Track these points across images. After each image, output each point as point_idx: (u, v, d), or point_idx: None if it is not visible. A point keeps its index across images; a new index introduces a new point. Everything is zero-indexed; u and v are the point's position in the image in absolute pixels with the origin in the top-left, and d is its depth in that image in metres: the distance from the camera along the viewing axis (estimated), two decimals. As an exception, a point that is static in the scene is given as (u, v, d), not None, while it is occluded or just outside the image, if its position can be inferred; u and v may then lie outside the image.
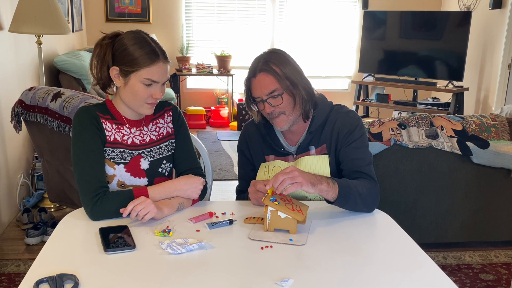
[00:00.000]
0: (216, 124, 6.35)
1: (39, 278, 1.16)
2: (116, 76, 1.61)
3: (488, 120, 2.91)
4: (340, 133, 1.75)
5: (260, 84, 1.67)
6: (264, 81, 1.66)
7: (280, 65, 1.66)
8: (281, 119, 1.71)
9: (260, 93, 1.68)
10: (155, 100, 1.63)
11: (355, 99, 6.16)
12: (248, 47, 6.50)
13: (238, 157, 1.96)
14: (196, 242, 1.36)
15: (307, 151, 1.78)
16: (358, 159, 1.74)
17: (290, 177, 1.48)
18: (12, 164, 3.33)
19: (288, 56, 1.72)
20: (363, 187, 1.65)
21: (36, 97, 2.75)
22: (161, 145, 1.75)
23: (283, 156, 1.81)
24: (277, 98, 1.67)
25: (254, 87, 1.69)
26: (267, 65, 1.66)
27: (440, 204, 2.82)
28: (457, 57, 5.37)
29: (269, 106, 1.68)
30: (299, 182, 1.48)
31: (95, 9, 6.11)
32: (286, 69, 1.67)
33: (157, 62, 1.58)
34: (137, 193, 1.57)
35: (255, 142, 1.87)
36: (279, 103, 1.67)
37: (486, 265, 2.83)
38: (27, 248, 2.91)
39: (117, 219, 1.51)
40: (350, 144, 1.74)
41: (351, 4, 6.56)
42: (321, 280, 1.21)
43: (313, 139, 1.78)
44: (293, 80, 1.67)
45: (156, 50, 1.59)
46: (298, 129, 1.79)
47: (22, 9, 3.14)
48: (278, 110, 1.69)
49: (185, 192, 1.64)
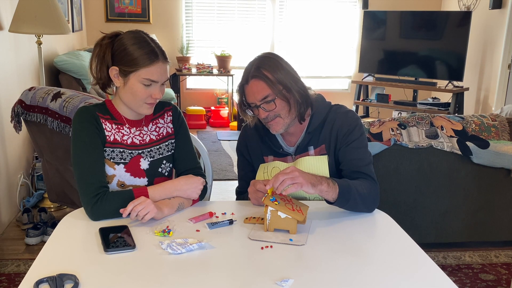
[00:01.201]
0: (216, 124, 6.35)
1: (39, 278, 1.16)
2: (115, 76, 1.61)
3: (488, 120, 2.91)
4: (339, 133, 1.75)
5: (252, 90, 1.68)
6: (257, 88, 1.67)
7: (272, 71, 1.66)
8: (277, 122, 1.71)
9: (254, 99, 1.68)
10: (155, 100, 1.63)
11: (355, 99, 6.16)
12: (248, 47, 6.50)
13: (238, 158, 1.96)
14: (196, 242, 1.36)
15: (306, 151, 1.78)
16: (357, 159, 1.74)
17: (291, 177, 1.48)
18: (12, 164, 3.33)
19: (281, 60, 1.72)
20: (363, 187, 1.65)
21: (36, 97, 2.75)
22: (161, 145, 1.75)
23: (282, 156, 1.81)
24: (270, 104, 1.67)
25: (247, 93, 1.70)
26: (259, 71, 1.66)
27: (440, 204, 2.82)
28: (457, 57, 5.37)
29: (263, 111, 1.69)
30: (299, 183, 1.48)
31: (95, 9, 6.11)
32: (278, 74, 1.66)
33: (157, 62, 1.58)
34: (137, 193, 1.57)
35: (254, 143, 1.87)
36: (272, 108, 1.68)
37: (486, 265, 2.83)
38: (27, 248, 2.91)
39: (117, 219, 1.51)
40: (349, 144, 1.74)
41: (351, 4, 6.56)
42: (321, 280, 1.21)
43: (312, 140, 1.78)
44: (286, 84, 1.67)
45: (155, 50, 1.59)
46: (296, 130, 1.79)
47: (22, 9, 3.14)
48: (273, 113, 1.69)
49: (185, 192, 1.64)
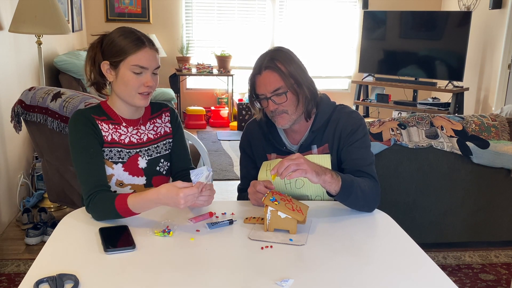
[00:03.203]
0: (216, 124, 6.35)
1: (39, 278, 1.16)
2: (107, 71, 1.63)
3: (488, 120, 2.91)
4: (342, 132, 1.75)
5: (264, 81, 1.67)
6: (269, 79, 1.66)
7: (286, 63, 1.66)
8: (283, 117, 1.71)
9: (265, 90, 1.68)
10: (148, 88, 1.63)
11: (355, 99, 6.16)
12: (248, 47, 6.50)
13: (240, 156, 1.96)
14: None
15: (309, 150, 1.79)
16: (360, 159, 1.74)
17: (296, 163, 1.48)
18: (12, 164, 3.33)
19: (294, 55, 1.72)
20: (365, 184, 1.65)
21: (36, 97, 2.75)
22: (158, 144, 1.76)
23: (285, 154, 1.81)
24: (281, 96, 1.67)
25: (258, 84, 1.69)
26: (273, 62, 1.66)
27: (440, 204, 2.82)
28: (457, 57, 5.37)
29: (273, 103, 1.68)
30: (304, 169, 1.48)
31: (95, 9, 6.11)
32: (291, 67, 1.67)
33: (143, 48, 1.59)
34: (118, 202, 1.49)
35: (257, 141, 1.87)
36: (283, 101, 1.67)
37: (486, 265, 2.83)
38: (27, 248, 2.91)
39: (114, 220, 1.51)
40: (352, 144, 1.74)
41: (351, 4, 6.56)
42: (321, 280, 1.21)
43: (316, 138, 1.78)
44: (298, 79, 1.67)
45: (141, 38, 1.61)
46: (300, 128, 1.80)
47: (22, 9, 3.14)
48: (281, 108, 1.69)
49: (167, 204, 1.47)
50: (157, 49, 1.66)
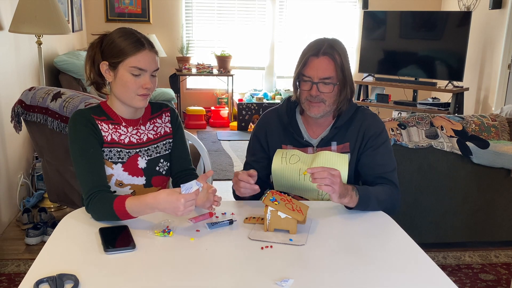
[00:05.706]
0: (216, 124, 6.35)
1: (39, 278, 1.16)
2: (106, 71, 1.63)
3: (488, 120, 2.91)
4: (366, 134, 1.76)
5: (318, 66, 1.66)
6: (324, 65, 1.66)
7: (343, 57, 1.68)
8: (319, 106, 1.70)
9: (315, 74, 1.67)
10: (146, 90, 1.62)
11: (355, 99, 6.16)
12: (248, 47, 6.50)
13: (251, 143, 1.92)
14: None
15: (328, 145, 1.78)
16: (383, 165, 1.75)
17: (332, 180, 1.49)
18: (12, 164, 3.33)
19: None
20: (385, 194, 1.67)
21: (36, 97, 2.75)
22: (158, 144, 1.76)
23: (302, 147, 1.80)
24: (328, 86, 1.67)
25: (311, 65, 1.67)
26: (333, 50, 1.66)
27: (440, 204, 2.82)
28: (457, 57, 5.37)
29: (316, 90, 1.67)
30: (334, 189, 1.50)
31: (95, 9, 6.11)
32: (346, 63, 1.69)
33: (143, 50, 1.59)
34: (116, 206, 1.48)
35: (274, 131, 1.85)
36: (327, 91, 1.67)
37: (486, 265, 2.83)
38: (27, 248, 2.91)
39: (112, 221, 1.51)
40: (376, 148, 1.74)
41: (351, 4, 6.56)
42: (321, 280, 1.21)
43: (337, 135, 1.78)
44: (347, 76, 1.70)
45: (141, 40, 1.61)
46: (324, 123, 1.79)
47: (22, 9, 3.14)
48: (322, 96, 1.68)
49: (163, 210, 1.45)
50: (157, 51, 1.66)
